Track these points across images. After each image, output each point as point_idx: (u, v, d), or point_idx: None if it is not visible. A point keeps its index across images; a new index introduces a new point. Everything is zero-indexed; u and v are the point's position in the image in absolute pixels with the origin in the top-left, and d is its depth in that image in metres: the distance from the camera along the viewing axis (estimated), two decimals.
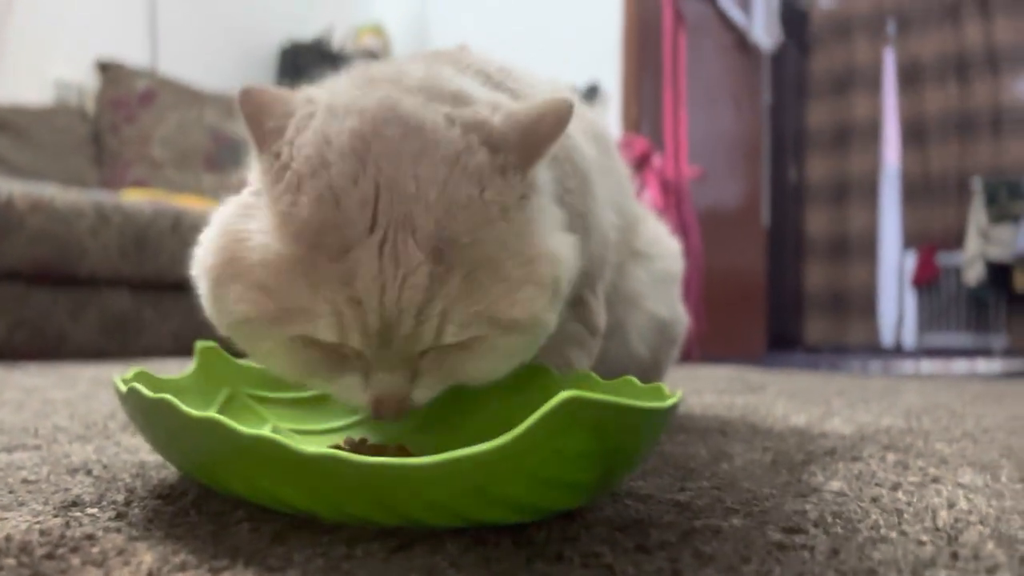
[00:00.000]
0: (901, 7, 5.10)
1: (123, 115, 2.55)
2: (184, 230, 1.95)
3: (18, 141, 2.31)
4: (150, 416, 0.41)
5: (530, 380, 0.56)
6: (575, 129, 0.67)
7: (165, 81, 2.66)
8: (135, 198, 2.04)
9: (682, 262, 0.92)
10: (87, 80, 2.62)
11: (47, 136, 2.39)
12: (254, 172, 0.46)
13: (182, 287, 2.08)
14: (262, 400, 0.60)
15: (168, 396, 0.39)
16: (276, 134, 0.43)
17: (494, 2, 3.26)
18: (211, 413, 0.38)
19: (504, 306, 0.43)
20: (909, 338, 5.11)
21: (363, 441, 0.54)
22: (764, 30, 3.58)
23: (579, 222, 0.63)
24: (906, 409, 1.04)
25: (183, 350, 1.95)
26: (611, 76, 2.87)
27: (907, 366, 2.80)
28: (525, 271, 0.43)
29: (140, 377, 0.51)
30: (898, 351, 4.97)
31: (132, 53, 2.72)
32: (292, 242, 0.40)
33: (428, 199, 0.41)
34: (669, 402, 0.38)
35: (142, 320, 1.91)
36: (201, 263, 0.46)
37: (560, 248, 0.47)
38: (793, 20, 4.90)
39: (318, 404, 0.62)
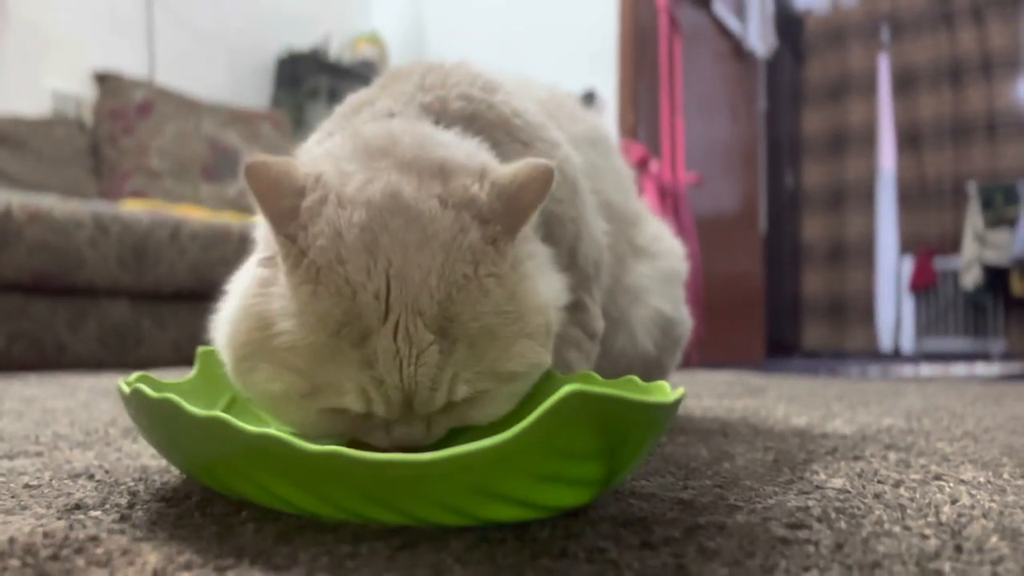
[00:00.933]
0: (895, 13, 5.13)
1: (121, 126, 2.56)
2: (183, 239, 1.95)
3: (16, 153, 2.31)
4: (154, 417, 0.41)
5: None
6: (566, 136, 0.69)
7: (163, 91, 2.67)
8: (134, 208, 2.05)
9: (686, 264, 0.92)
10: (84, 91, 2.63)
11: (45, 147, 2.39)
12: (262, 234, 0.52)
13: (181, 297, 2.07)
14: None
15: (172, 396, 0.39)
16: (290, 215, 0.46)
17: (490, 10, 3.28)
18: (215, 412, 0.38)
19: (503, 362, 0.47)
20: (907, 343, 5.11)
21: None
22: (759, 37, 3.60)
23: (572, 227, 0.64)
24: (906, 410, 1.04)
25: (182, 360, 1.95)
26: (607, 83, 2.88)
27: (906, 370, 2.81)
28: (518, 327, 0.48)
29: (143, 381, 0.51)
30: (897, 356, 4.97)
31: (129, 64, 2.73)
32: (316, 330, 0.44)
33: (431, 285, 0.45)
34: (673, 397, 0.38)
35: (141, 330, 1.90)
36: (227, 339, 0.48)
37: (548, 293, 0.52)
38: (788, 27, 4.93)
39: None
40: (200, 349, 0.58)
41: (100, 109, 2.57)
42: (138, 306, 1.90)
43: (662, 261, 0.85)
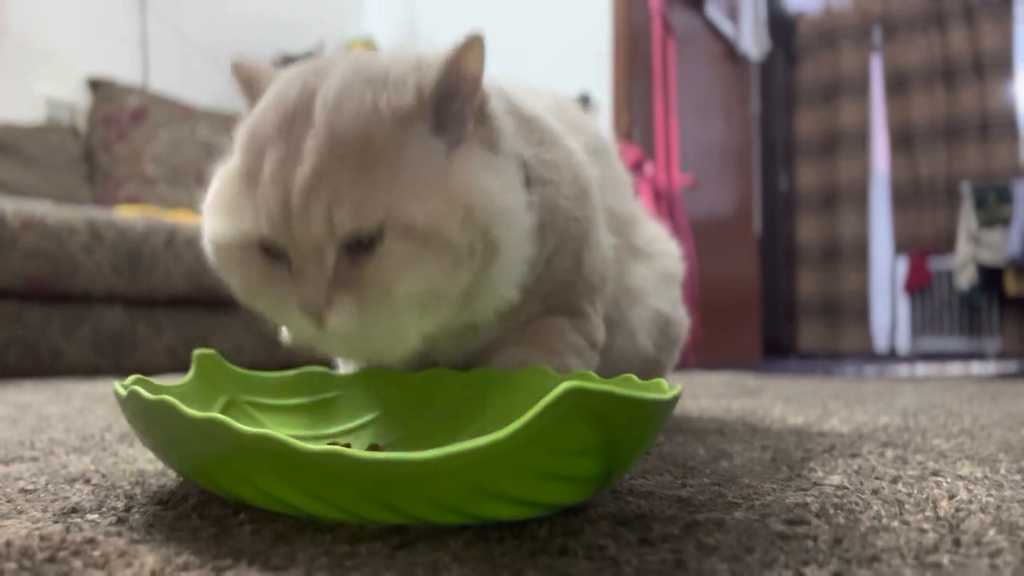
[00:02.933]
0: (887, 15, 5.15)
1: (115, 132, 2.55)
2: (178, 246, 1.95)
3: (10, 159, 2.30)
4: (150, 419, 0.41)
5: (531, 380, 0.57)
6: (579, 146, 0.69)
7: (157, 98, 2.66)
8: (128, 214, 2.04)
9: (682, 264, 0.92)
10: (78, 97, 2.63)
11: (39, 154, 2.38)
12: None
13: (176, 303, 2.07)
14: (259, 407, 0.60)
15: (168, 397, 0.39)
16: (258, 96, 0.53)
17: (484, 14, 3.28)
18: (212, 413, 0.38)
19: (404, 205, 0.47)
20: (903, 343, 5.12)
21: (374, 447, 0.54)
22: (752, 40, 3.61)
23: (577, 228, 0.64)
24: (903, 409, 1.05)
25: (178, 366, 1.94)
26: (601, 86, 2.89)
27: (902, 370, 2.81)
28: (435, 185, 0.48)
29: (139, 384, 0.50)
30: (892, 356, 4.99)
31: (123, 70, 2.73)
32: (239, 158, 0.50)
33: (342, 106, 0.48)
34: (670, 394, 0.38)
35: (136, 336, 1.90)
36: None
37: (493, 189, 0.50)
38: (781, 29, 4.95)
39: (315, 410, 0.62)
40: (196, 352, 0.58)
41: (94, 115, 2.57)
42: (133, 312, 1.90)
43: (659, 262, 0.86)
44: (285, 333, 0.57)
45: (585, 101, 2.84)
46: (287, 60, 3.12)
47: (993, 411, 1.01)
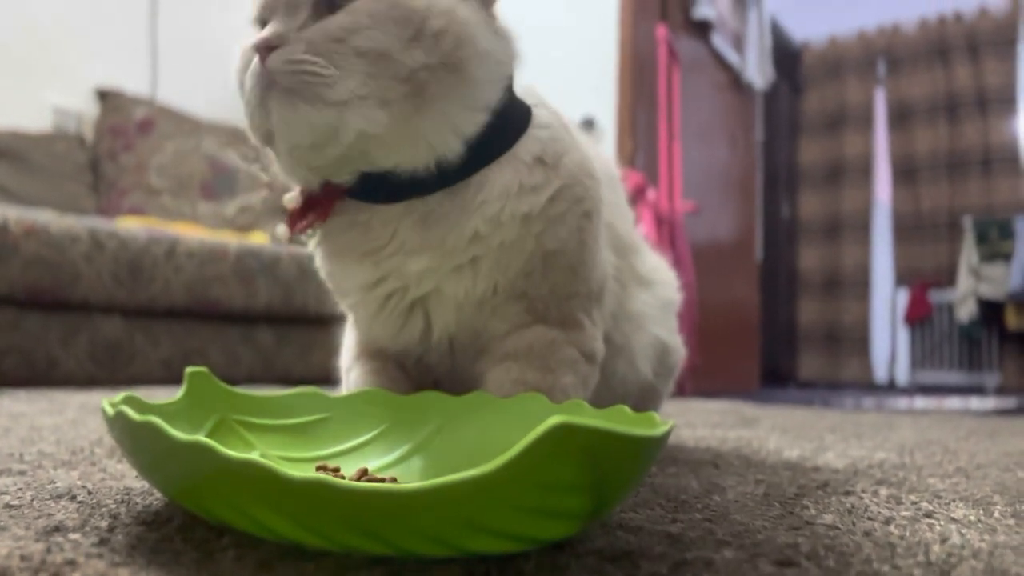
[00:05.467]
0: (890, 49, 5.20)
1: (121, 143, 2.57)
2: (179, 257, 1.95)
3: (15, 167, 2.31)
4: (136, 439, 0.41)
5: (524, 409, 0.56)
6: (602, 173, 0.70)
7: (164, 109, 2.68)
8: (131, 225, 2.05)
9: (679, 294, 0.92)
10: (86, 107, 2.64)
11: (45, 162, 2.39)
12: None
13: (174, 314, 2.07)
14: (250, 427, 0.60)
15: (155, 419, 0.39)
16: None
17: None
18: (198, 437, 0.38)
19: None
20: (903, 375, 5.11)
21: (363, 472, 0.54)
22: (757, 70, 3.64)
23: (581, 192, 0.64)
24: (899, 444, 1.04)
25: (174, 378, 1.94)
26: (606, 111, 2.90)
27: (901, 403, 2.80)
28: None
29: (128, 402, 0.50)
30: (892, 388, 4.97)
31: (132, 81, 2.75)
32: None
33: None
34: (661, 430, 0.38)
35: (133, 347, 1.89)
36: None
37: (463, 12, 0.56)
38: (785, 60, 4.99)
39: (307, 431, 0.61)
40: (189, 370, 0.58)
41: (101, 125, 2.59)
42: (131, 323, 1.90)
43: (660, 290, 0.86)
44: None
45: (590, 125, 2.86)
46: None
47: (990, 449, 1.01)
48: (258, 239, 2.48)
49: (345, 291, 0.66)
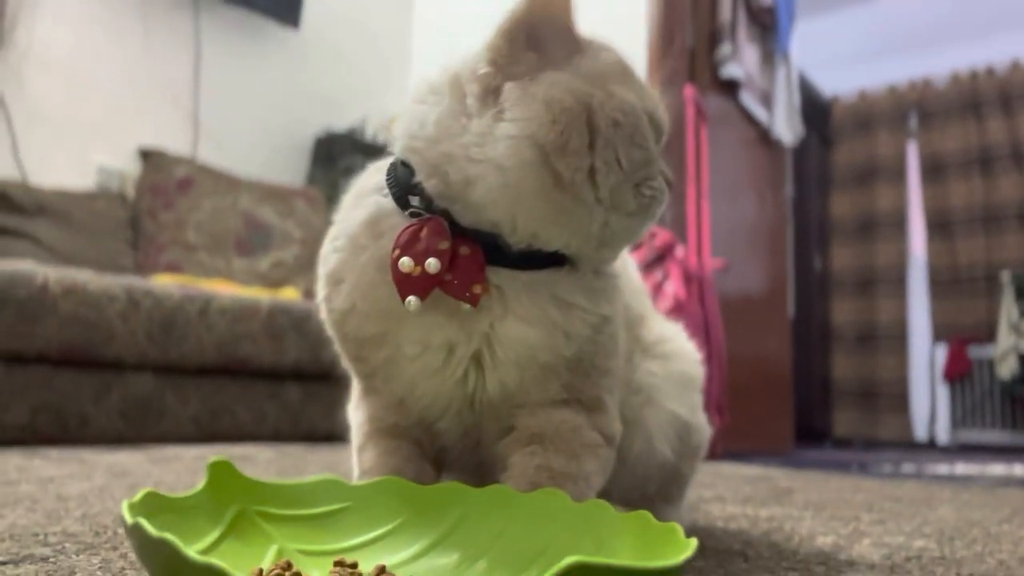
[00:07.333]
0: (922, 102, 5.18)
1: (161, 200, 2.64)
2: (212, 315, 1.98)
3: (58, 224, 2.39)
4: (152, 553, 0.41)
5: (543, 507, 0.55)
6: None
7: (203, 168, 2.76)
8: (166, 282, 2.09)
9: (702, 369, 0.90)
10: (129, 166, 2.73)
11: (87, 220, 2.47)
12: None
13: (204, 371, 2.09)
14: (271, 518, 0.59)
15: (170, 537, 0.39)
16: None
17: None
18: (212, 560, 0.38)
19: None
20: (943, 434, 4.95)
21: (382, 569, 0.53)
22: (786, 126, 3.65)
23: (600, 303, 0.65)
24: (939, 528, 1.00)
25: (202, 436, 1.95)
26: None
27: (941, 468, 2.71)
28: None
29: (149, 498, 0.50)
30: (932, 446, 4.82)
31: (174, 141, 2.84)
32: None
33: None
34: (680, 558, 0.37)
35: (164, 404, 1.92)
36: None
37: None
38: (815, 113, 5.00)
39: (325, 522, 0.61)
40: (210, 461, 0.58)
41: (142, 184, 2.67)
42: (162, 380, 1.92)
43: (675, 364, 0.84)
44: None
45: None
46: (331, 136, 3.23)
47: None
48: (289, 294, 2.52)
49: (398, 345, 0.63)
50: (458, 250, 0.59)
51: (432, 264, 0.58)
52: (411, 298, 0.59)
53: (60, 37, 2.61)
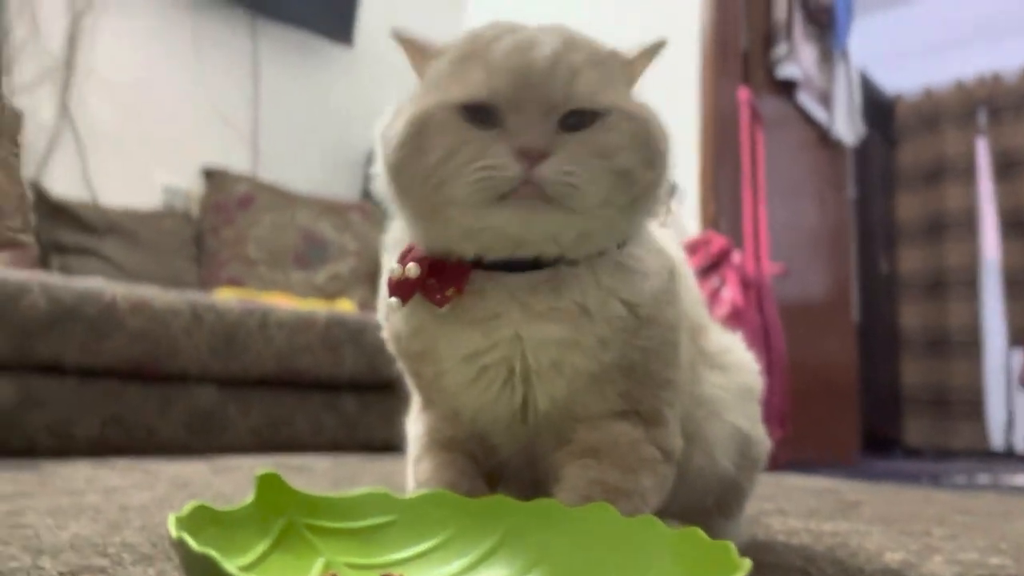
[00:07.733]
0: (992, 97, 4.96)
1: (223, 218, 2.72)
2: (271, 327, 2.02)
3: (126, 243, 2.48)
4: (195, 568, 0.41)
5: (590, 524, 0.54)
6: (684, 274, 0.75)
7: (263, 185, 2.84)
8: (227, 296, 2.15)
9: (761, 379, 0.88)
10: (193, 185, 2.83)
11: (153, 238, 2.56)
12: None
13: (264, 383, 2.14)
14: (318, 531, 0.60)
15: (211, 552, 0.39)
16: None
17: None
18: None
19: (626, 99, 0.60)
20: (1021, 443, 4.71)
21: None
22: (846, 125, 3.54)
23: (668, 276, 0.67)
24: (1017, 544, 0.94)
25: (262, 447, 1.99)
26: (688, 173, 2.87)
27: (1020, 479, 2.57)
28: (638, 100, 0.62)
29: (198, 511, 0.51)
30: (1009, 456, 4.58)
31: (235, 159, 2.93)
32: (446, 57, 0.60)
33: (567, 29, 0.60)
34: None
35: (226, 416, 1.96)
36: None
37: (651, 117, 0.61)
38: (878, 113, 4.84)
39: (372, 535, 0.61)
40: (258, 473, 0.59)
41: (206, 202, 2.76)
42: (224, 392, 1.97)
43: (736, 375, 0.81)
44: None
45: (672, 189, 2.83)
46: None
47: None
48: (345, 306, 2.56)
49: (439, 360, 0.64)
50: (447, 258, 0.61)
51: (412, 269, 0.61)
52: (392, 299, 0.62)
53: (124, 62, 2.72)
